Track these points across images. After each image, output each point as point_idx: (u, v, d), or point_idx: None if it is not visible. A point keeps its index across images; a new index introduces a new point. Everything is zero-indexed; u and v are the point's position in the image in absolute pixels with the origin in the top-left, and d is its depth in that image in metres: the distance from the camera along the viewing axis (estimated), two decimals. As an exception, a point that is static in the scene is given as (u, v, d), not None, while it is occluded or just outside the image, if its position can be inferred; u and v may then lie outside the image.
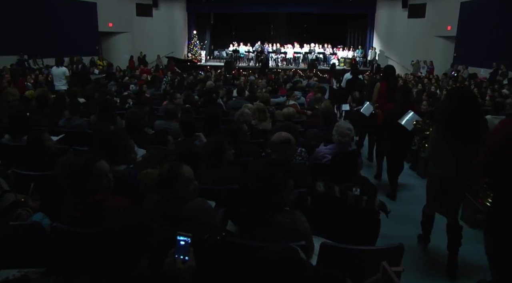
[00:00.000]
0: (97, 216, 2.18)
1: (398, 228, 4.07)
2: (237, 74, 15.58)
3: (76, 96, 6.19)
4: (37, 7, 14.37)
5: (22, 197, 2.66)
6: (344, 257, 2.17)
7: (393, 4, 19.21)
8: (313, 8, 20.71)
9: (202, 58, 22.16)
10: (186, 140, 3.92)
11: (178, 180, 2.18)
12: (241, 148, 3.79)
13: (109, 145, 3.02)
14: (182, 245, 1.65)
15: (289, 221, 2.17)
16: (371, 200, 2.73)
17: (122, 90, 9.10)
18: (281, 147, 3.14)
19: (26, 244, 2.25)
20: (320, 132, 4.70)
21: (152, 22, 20.60)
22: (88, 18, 17.29)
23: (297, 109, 6.18)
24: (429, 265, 3.53)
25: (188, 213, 2.05)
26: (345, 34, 23.16)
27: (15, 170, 3.05)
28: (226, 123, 5.15)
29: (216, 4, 19.87)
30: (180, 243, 1.66)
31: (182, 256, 1.66)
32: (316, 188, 2.81)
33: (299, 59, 21.24)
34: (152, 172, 2.65)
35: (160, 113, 5.88)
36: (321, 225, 2.55)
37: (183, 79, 11.16)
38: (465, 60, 14.63)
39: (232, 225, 2.44)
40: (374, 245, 2.75)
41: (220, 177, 3.00)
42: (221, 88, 8.70)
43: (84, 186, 2.27)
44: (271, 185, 2.19)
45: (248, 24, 22.85)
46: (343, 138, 3.69)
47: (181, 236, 1.66)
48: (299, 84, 10.29)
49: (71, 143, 4.05)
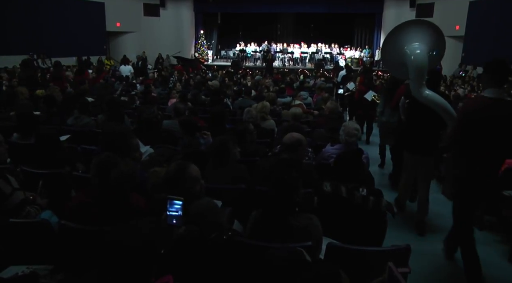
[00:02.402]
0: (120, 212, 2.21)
1: (405, 229, 4.06)
2: (243, 73, 15.61)
3: (84, 95, 6.23)
4: (45, 7, 14.50)
5: (31, 195, 2.69)
6: (350, 258, 2.16)
7: (400, 4, 19.10)
8: (320, 7, 20.63)
9: (209, 57, 22.21)
10: (190, 139, 3.93)
11: (186, 179, 2.19)
12: (247, 147, 3.80)
13: (115, 144, 3.04)
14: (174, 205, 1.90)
15: (304, 226, 2.17)
16: (378, 200, 2.72)
17: (129, 90, 9.14)
18: (293, 148, 3.16)
19: (35, 241, 2.27)
20: (327, 133, 4.69)
21: (159, 22, 20.69)
22: (96, 18, 17.42)
23: (304, 109, 6.17)
24: (436, 267, 3.51)
25: (194, 212, 2.06)
26: (352, 34, 23.05)
27: (24, 168, 3.08)
28: (233, 122, 5.16)
29: (223, 4, 19.90)
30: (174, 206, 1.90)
31: (175, 220, 1.88)
32: (323, 188, 2.81)
33: (306, 59, 21.20)
34: (159, 171, 2.66)
35: (167, 112, 5.91)
36: (328, 225, 2.54)
37: (189, 79, 11.19)
38: (474, 60, 14.51)
39: (238, 224, 2.45)
40: (380, 245, 2.74)
41: (226, 176, 3.01)
42: (229, 88, 8.71)
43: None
44: (290, 188, 2.22)
45: (255, 24, 22.84)
46: (350, 139, 3.68)
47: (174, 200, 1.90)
48: (306, 84, 10.29)
49: (79, 142, 4.08)
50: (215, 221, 2.09)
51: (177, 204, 1.91)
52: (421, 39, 3.85)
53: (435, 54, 3.97)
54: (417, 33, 3.88)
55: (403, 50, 3.87)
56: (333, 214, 2.71)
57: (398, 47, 3.92)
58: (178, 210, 1.90)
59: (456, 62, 15.89)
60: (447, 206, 4.63)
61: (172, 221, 1.90)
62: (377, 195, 2.79)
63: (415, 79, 3.73)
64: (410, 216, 4.31)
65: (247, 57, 21.71)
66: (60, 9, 15.25)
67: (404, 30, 3.95)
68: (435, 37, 3.89)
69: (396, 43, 3.95)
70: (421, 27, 3.92)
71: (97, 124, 4.96)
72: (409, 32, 3.91)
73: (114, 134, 3.12)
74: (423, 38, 3.85)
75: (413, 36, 3.87)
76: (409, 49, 3.83)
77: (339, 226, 2.66)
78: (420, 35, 3.86)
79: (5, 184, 2.57)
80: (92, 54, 16.93)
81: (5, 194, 2.51)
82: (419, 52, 3.76)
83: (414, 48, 3.81)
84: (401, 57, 3.89)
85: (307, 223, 2.21)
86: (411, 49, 3.82)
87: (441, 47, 3.98)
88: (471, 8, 14.97)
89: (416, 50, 3.78)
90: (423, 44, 3.83)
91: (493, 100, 2.77)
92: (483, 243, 3.87)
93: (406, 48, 3.85)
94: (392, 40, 4.03)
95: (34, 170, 3.09)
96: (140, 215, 2.20)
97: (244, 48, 21.68)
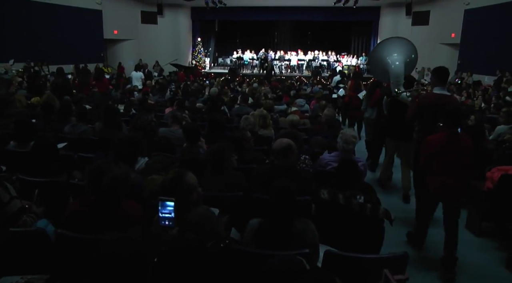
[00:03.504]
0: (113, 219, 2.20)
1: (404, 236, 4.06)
2: (240, 81, 15.65)
3: (82, 103, 6.22)
4: (43, 15, 14.52)
5: (26, 203, 2.67)
6: (348, 265, 2.16)
7: (397, 12, 19.24)
8: (317, 16, 20.77)
9: (206, 65, 22.27)
10: (190, 147, 3.93)
11: (183, 187, 2.19)
12: (244, 155, 3.80)
13: (130, 150, 3.07)
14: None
15: (300, 230, 2.18)
16: (375, 207, 2.73)
17: (126, 97, 9.15)
18: (283, 154, 3.15)
19: (30, 250, 2.25)
20: (324, 140, 4.70)
21: (157, 29, 20.75)
22: (93, 25, 17.44)
23: (301, 116, 6.19)
24: (434, 274, 3.50)
25: (192, 220, 2.06)
26: (349, 41, 23.20)
27: (20, 176, 3.06)
28: (230, 130, 5.16)
29: (220, 11, 20.00)
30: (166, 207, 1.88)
31: (167, 222, 1.85)
32: (320, 195, 2.81)
33: (303, 66, 21.29)
34: (156, 178, 2.66)
35: (164, 120, 5.90)
36: (325, 232, 2.55)
37: (187, 86, 11.20)
38: (469, 68, 14.60)
39: (236, 232, 2.44)
40: (378, 253, 2.74)
41: (223, 184, 3.00)
42: (227, 95, 8.73)
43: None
44: (293, 194, 2.25)
45: (252, 31, 22.95)
46: (348, 146, 3.69)
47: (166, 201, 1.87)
48: (302, 92, 10.37)
49: (76, 150, 4.07)
50: (212, 229, 2.08)
51: (169, 205, 1.88)
52: (398, 50, 5.09)
53: (413, 57, 5.15)
54: (395, 46, 5.16)
55: (385, 60, 5.08)
56: (330, 221, 2.71)
57: (382, 57, 5.15)
58: (171, 212, 1.88)
59: (452, 70, 15.97)
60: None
61: (165, 223, 1.87)
62: (375, 202, 2.80)
63: (394, 82, 4.88)
64: (410, 222, 4.32)
65: (244, 65, 21.78)
66: (58, 17, 15.27)
67: (385, 45, 5.31)
68: (410, 47, 5.16)
69: (380, 54, 5.22)
70: (399, 40, 5.28)
71: (94, 132, 4.95)
72: (389, 45, 5.22)
73: (130, 140, 3.15)
74: (400, 49, 5.11)
75: (393, 49, 5.14)
76: (390, 59, 5.05)
77: (336, 233, 2.66)
78: (398, 47, 5.13)
79: (3, 192, 2.55)
80: (90, 62, 16.92)
81: (2, 202, 2.49)
82: (397, 64, 4.97)
83: (394, 58, 5.03)
84: (384, 65, 5.10)
85: (304, 227, 2.21)
86: (392, 59, 5.04)
87: (415, 55, 5.19)
88: (467, 16, 15.09)
89: (396, 61, 5.00)
90: (400, 54, 5.04)
91: (438, 95, 4.07)
92: (480, 249, 3.88)
93: (388, 58, 5.06)
94: (376, 53, 5.49)
95: (30, 178, 3.08)
96: (134, 222, 2.19)
97: (241, 55, 21.76)
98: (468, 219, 4.31)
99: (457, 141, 3.38)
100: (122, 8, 18.93)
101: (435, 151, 3.42)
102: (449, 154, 3.37)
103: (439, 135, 3.44)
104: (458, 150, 3.37)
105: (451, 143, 3.37)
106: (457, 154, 3.37)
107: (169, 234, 1.89)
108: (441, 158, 3.41)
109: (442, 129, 3.48)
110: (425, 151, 3.53)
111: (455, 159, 3.37)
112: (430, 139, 3.49)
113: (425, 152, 3.53)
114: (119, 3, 18.69)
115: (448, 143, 3.37)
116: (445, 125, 3.47)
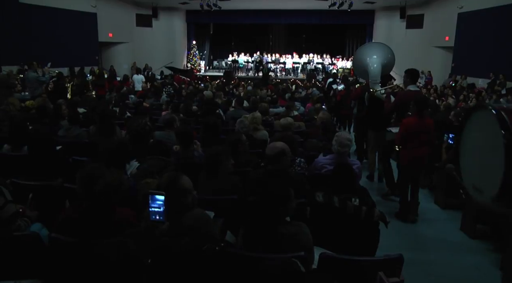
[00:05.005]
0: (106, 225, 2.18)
1: (398, 239, 4.06)
2: (236, 84, 15.64)
3: (75, 107, 6.19)
4: (37, 18, 14.45)
5: (20, 207, 2.65)
6: (343, 268, 2.16)
7: (391, 15, 19.36)
8: (312, 19, 20.87)
9: (201, 68, 22.27)
10: (184, 150, 3.92)
11: (178, 191, 2.18)
12: (239, 158, 3.79)
13: (118, 154, 3.06)
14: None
15: (292, 234, 2.17)
16: (370, 210, 2.73)
17: (121, 101, 9.11)
18: (276, 159, 3.15)
19: (23, 255, 2.23)
20: (319, 143, 4.71)
21: (151, 32, 20.74)
22: (88, 28, 17.38)
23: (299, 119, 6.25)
24: (430, 276, 3.51)
25: (187, 223, 2.05)
26: (344, 44, 23.31)
27: (14, 180, 3.04)
28: (225, 133, 5.15)
29: (215, 15, 20.01)
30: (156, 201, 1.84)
31: (158, 216, 1.82)
32: (315, 198, 2.81)
33: (298, 69, 21.35)
34: (151, 182, 2.65)
35: (159, 123, 5.89)
36: (320, 235, 2.54)
37: (181, 89, 11.20)
38: (463, 70, 14.69)
39: (231, 235, 2.43)
40: (373, 255, 2.74)
41: (218, 187, 3.00)
42: (221, 98, 8.72)
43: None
44: (278, 199, 2.21)
45: (247, 34, 23.00)
46: (343, 149, 3.69)
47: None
48: (297, 95, 10.40)
49: (70, 153, 4.04)
50: (208, 232, 2.08)
51: (159, 199, 1.84)
52: (376, 52, 6.06)
53: (390, 57, 6.04)
54: (375, 49, 6.20)
55: (366, 61, 6.00)
56: (326, 224, 2.71)
57: (363, 59, 6.10)
58: (160, 206, 1.84)
59: (446, 72, 16.10)
60: (440, 215, 4.73)
61: (155, 217, 1.84)
62: (370, 205, 2.81)
63: (372, 82, 5.78)
64: (404, 226, 4.33)
65: (239, 68, 21.80)
66: (52, 19, 15.19)
67: (366, 48, 6.57)
68: (387, 51, 6.09)
69: (362, 56, 6.21)
70: (378, 45, 6.49)
71: (89, 135, 4.93)
72: (369, 48, 6.43)
73: (118, 145, 3.16)
74: (380, 52, 6.05)
75: (372, 51, 6.12)
76: (370, 61, 5.96)
77: (332, 236, 2.66)
78: (377, 50, 6.15)
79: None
80: (84, 65, 16.87)
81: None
82: (376, 66, 5.86)
83: (373, 60, 5.94)
84: (365, 66, 6.01)
85: (297, 230, 2.20)
86: (371, 61, 5.95)
87: (392, 57, 6.09)
88: (460, 19, 15.19)
89: (374, 63, 5.90)
90: (379, 57, 5.94)
91: (412, 92, 5.00)
92: (475, 251, 3.89)
93: (368, 60, 5.97)
94: (358, 54, 6.53)
95: (25, 181, 3.05)
96: (127, 227, 2.17)
97: (236, 58, 21.78)
98: (463, 222, 4.32)
99: (423, 122, 4.37)
100: (117, 11, 18.91)
101: (409, 131, 4.36)
102: (418, 132, 4.34)
103: (411, 118, 4.46)
104: (424, 129, 4.36)
105: (419, 124, 4.35)
106: (424, 132, 4.36)
107: (160, 229, 1.86)
108: (411, 137, 4.36)
109: (413, 114, 4.48)
110: (401, 130, 4.46)
111: (422, 137, 4.35)
112: (405, 122, 4.47)
113: (401, 131, 4.45)
114: (114, 6, 18.68)
115: (417, 123, 4.35)
116: (415, 111, 4.42)
